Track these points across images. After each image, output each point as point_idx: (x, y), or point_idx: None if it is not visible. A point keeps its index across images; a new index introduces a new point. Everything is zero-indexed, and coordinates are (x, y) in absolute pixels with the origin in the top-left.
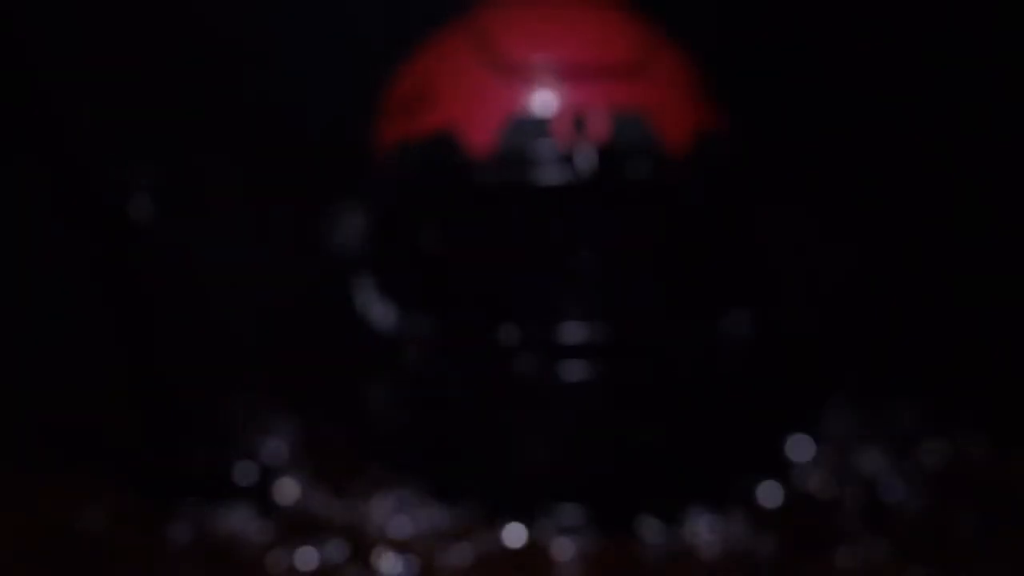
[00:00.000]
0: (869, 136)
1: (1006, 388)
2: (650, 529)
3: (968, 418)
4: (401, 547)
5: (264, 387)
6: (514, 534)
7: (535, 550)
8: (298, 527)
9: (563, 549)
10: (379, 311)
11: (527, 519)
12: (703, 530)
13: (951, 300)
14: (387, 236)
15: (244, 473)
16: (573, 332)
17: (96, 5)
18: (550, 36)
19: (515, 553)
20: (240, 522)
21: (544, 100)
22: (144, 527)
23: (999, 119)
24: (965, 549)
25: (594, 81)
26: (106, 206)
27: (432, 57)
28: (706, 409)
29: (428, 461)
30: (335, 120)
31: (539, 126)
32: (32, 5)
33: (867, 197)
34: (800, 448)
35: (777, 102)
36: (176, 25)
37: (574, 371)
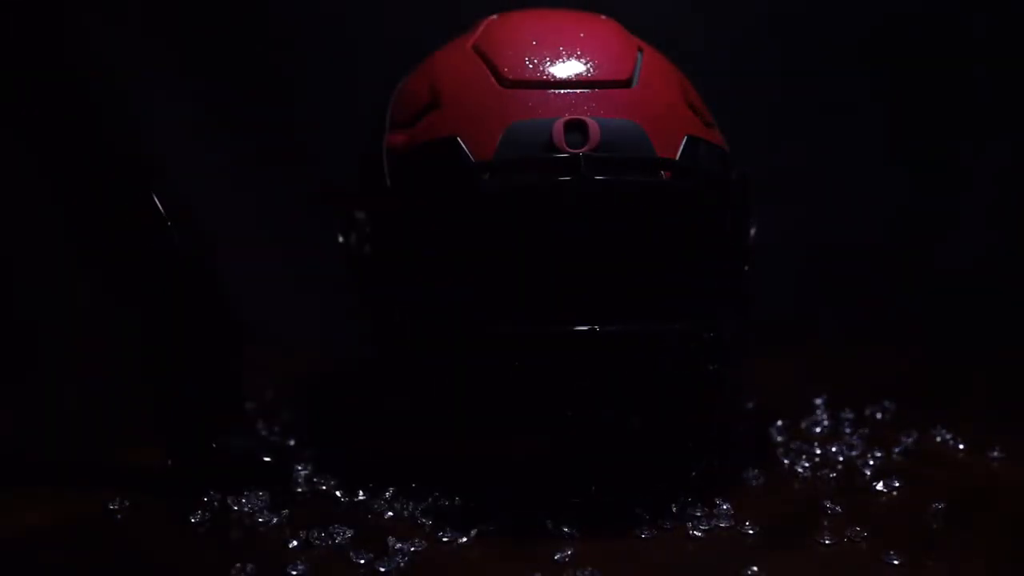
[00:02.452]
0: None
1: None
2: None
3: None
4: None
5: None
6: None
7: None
8: (311, 513)
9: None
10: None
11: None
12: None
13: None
14: (393, 235)
15: (263, 461)
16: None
17: None
18: (546, 53)
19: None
20: (257, 508)
21: (540, 110)
22: (167, 515)
23: None
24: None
25: (586, 92)
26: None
27: (438, 71)
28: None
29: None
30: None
31: (536, 134)
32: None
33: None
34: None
35: None
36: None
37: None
